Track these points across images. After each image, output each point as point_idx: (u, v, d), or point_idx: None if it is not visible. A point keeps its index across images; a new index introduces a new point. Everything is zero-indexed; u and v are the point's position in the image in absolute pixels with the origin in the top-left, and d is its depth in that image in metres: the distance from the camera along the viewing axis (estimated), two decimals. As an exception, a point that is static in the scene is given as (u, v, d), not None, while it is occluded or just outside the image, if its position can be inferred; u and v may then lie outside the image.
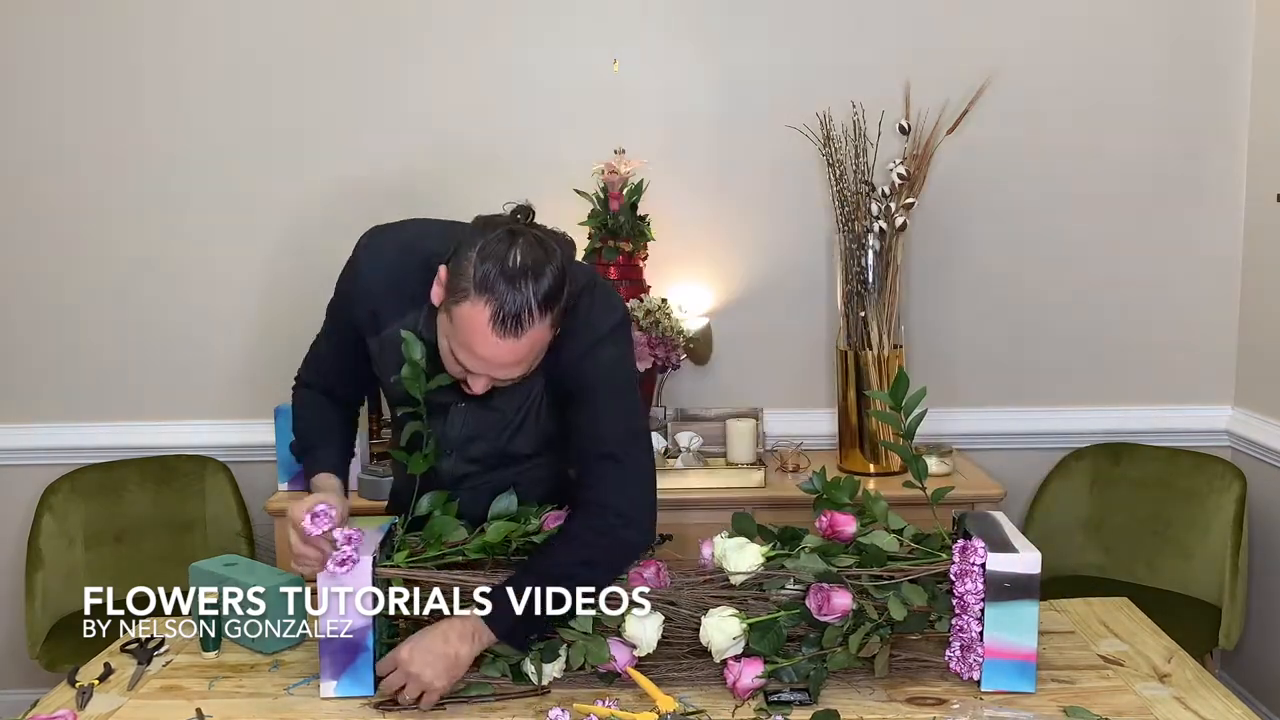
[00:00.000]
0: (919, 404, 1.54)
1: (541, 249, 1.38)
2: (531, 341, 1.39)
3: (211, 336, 2.79)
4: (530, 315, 1.36)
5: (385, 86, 2.72)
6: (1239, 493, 2.53)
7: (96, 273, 2.77)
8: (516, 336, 1.37)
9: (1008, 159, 2.73)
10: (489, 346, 1.37)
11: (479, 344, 1.38)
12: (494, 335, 1.36)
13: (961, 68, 2.63)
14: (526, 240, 1.37)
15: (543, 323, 1.38)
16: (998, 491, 2.48)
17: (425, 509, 1.59)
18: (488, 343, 1.37)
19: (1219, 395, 2.81)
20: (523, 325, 1.36)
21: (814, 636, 1.48)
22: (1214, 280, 2.78)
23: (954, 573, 1.47)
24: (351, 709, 1.45)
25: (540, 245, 1.38)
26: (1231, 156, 2.73)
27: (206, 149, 2.73)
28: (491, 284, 1.35)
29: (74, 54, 2.69)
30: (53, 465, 2.74)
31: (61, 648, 2.48)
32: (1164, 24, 2.69)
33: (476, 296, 1.35)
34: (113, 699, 1.49)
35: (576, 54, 2.71)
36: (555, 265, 1.38)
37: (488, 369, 1.41)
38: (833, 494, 1.55)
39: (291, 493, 2.53)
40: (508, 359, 1.39)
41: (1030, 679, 1.46)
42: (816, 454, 2.68)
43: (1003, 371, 2.82)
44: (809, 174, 2.69)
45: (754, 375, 2.81)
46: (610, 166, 2.58)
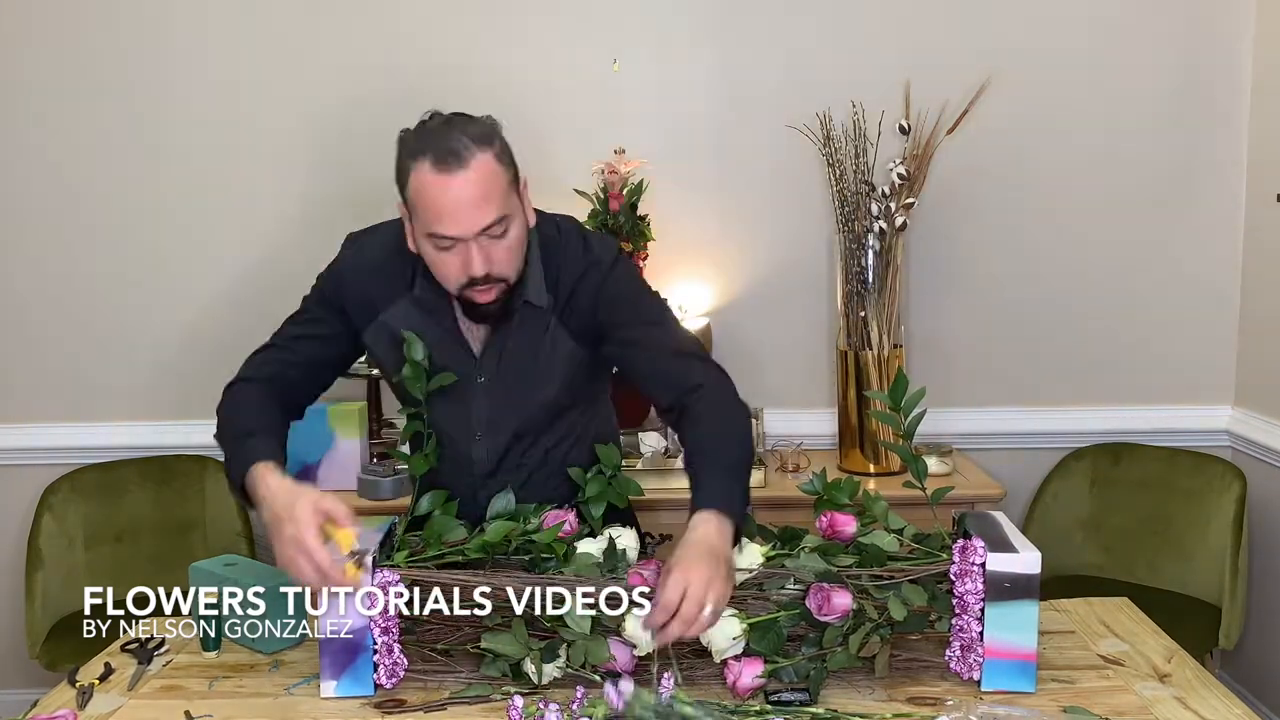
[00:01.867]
0: (918, 404, 1.54)
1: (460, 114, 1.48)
2: (481, 172, 1.43)
3: (212, 336, 2.79)
4: (466, 147, 1.42)
5: (384, 88, 2.71)
6: (1239, 493, 2.53)
7: (96, 273, 2.77)
8: (464, 167, 1.42)
9: (1008, 159, 2.73)
10: (443, 192, 1.42)
11: (435, 196, 1.42)
12: (441, 175, 1.41)
13: (961, 68, 2.63)
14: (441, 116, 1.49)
15: (483, 153, 1.44)
16: (998, 491, 2.48)
17: (425, 509, 1.59)
18: (441, 190, 1.42)
19: (1219, 395, 2.81)
20: (461, 156, 1.42)
21: (814, 636, 1.48)
22: (1214, 280, 2.78)
23: (954, 573, 1.47)
24: (351, 709, 1.45)
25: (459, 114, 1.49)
26: (1231, 156, 2.73)
27: (206, 149, 2.73)
28: (421, 141, 1.44)
29: (69, 56, 2.70)
30: (53, 465, 2.74)
31: (61, 648, 2.48)
32: (1164, 24, 2.69)
33: (412, 161, 1.44)
34: (113, 699, 1.49)
35: (576, 54, 2.71)
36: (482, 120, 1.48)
37: (460, 225, 1.44)
38: (833, 494, 1.55)
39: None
40: (467, 196, 1.42)
41: (1030, 679, 1.46)
42: (816, 454, 2.68)
43: (1003, 371, 2.82)
44: (809, 174, 2.69)
45: (754, 375, 2.80)
46: (610, 166, 2.58)
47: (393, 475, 2.48)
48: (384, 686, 1.47)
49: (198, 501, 2.75)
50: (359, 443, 2.54)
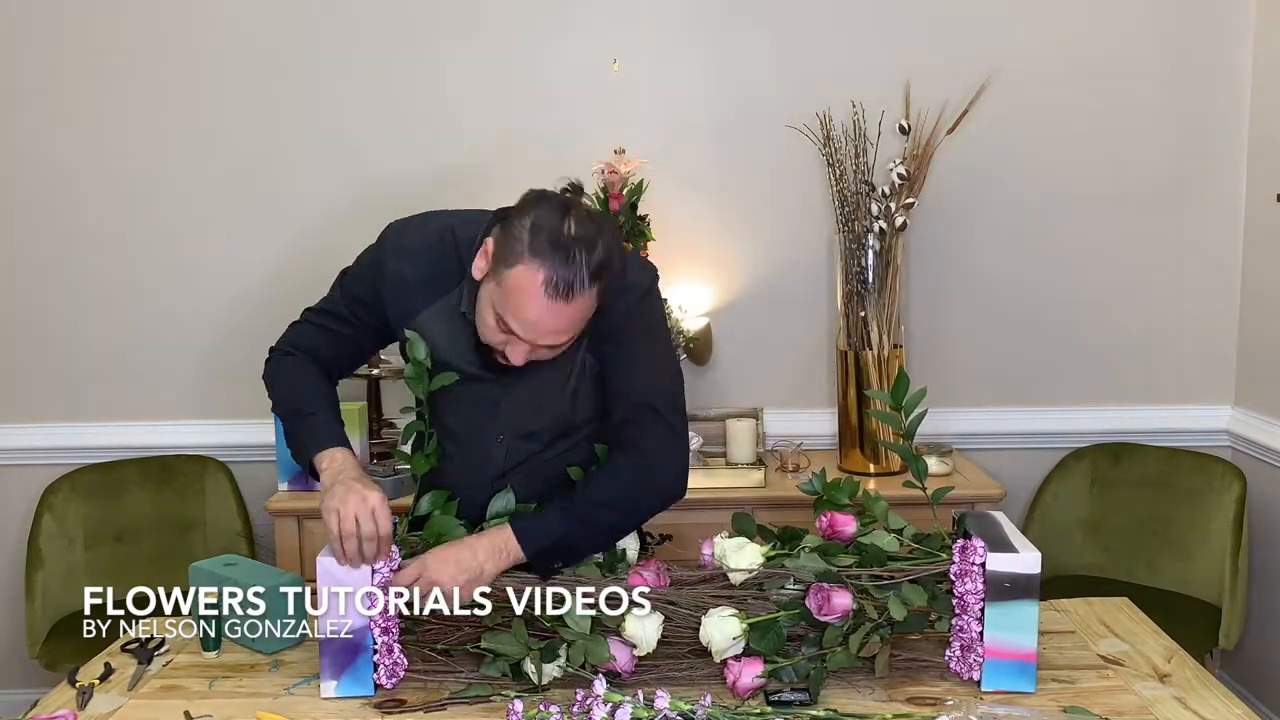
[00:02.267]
0: (919, 404, 1.54)
1: (593, 223, 1.43)
2: (579, 309, 1.43)
3: (212, 336, 2.79)
4: (581, 283, 1.40)
5: (385, 89, 2.72)
6: (1239, 493, 2.53)
7: (96, 272, 2.77)
8: (567, 301, 1.41)
9: (1008, 159, 2.73)
10: (538, 310, 1.41)
11: (529, 308, 1.42)
12: (545, 299, 1.40)
13: (961, 68, 2.63)
14: (579, 213, 1.43)
15: (591, 292, 1.43)
16: (998, 491, 2.48)
17: (425, 509, 1.59)
18: (538, 306, 1.41)
19: (1219, 395, 2.81)
20: (574, 291, 1.40)
21: (814, 636, 1.48)
22: (1214, 280, 2.78)
23: (954, 573, 1.47)
24: (351, 709, 1.45)
25: (592, 220, 1.44)
26: (1231, 156, 2.72)
27: (207, 149, 2.73)
28: (546, 250, 1.40)
29: (72, 56, 2.69)
30: (53, 465, 2.74)
31: (61, 648, 2.48)
32: (1164, 24, 2.69)
33: (530, 260, 1.40)
34: (113, 699, 1.49)
35: (576, 54, 2.71)
36: (605, 240, 1.43)
37: (534, 334, 1.44)
38: (833, 495, 1.55)
39: (292, 492, 2.52)
40: (554, 324, 1.43)
41: (1030, 679, 1.46)
42: (816, 454, 2.68)
43: (1003, 371, 2.82)
44: (809, 174, 2.69)
45: (754, 375, 2.81)
46: (610, 166, 2.57)
47: (393, 475, 2.48)
48: (384, 686, 1.47)
49: (198, 501, 2.75)
50: (359, 443, 2.54)
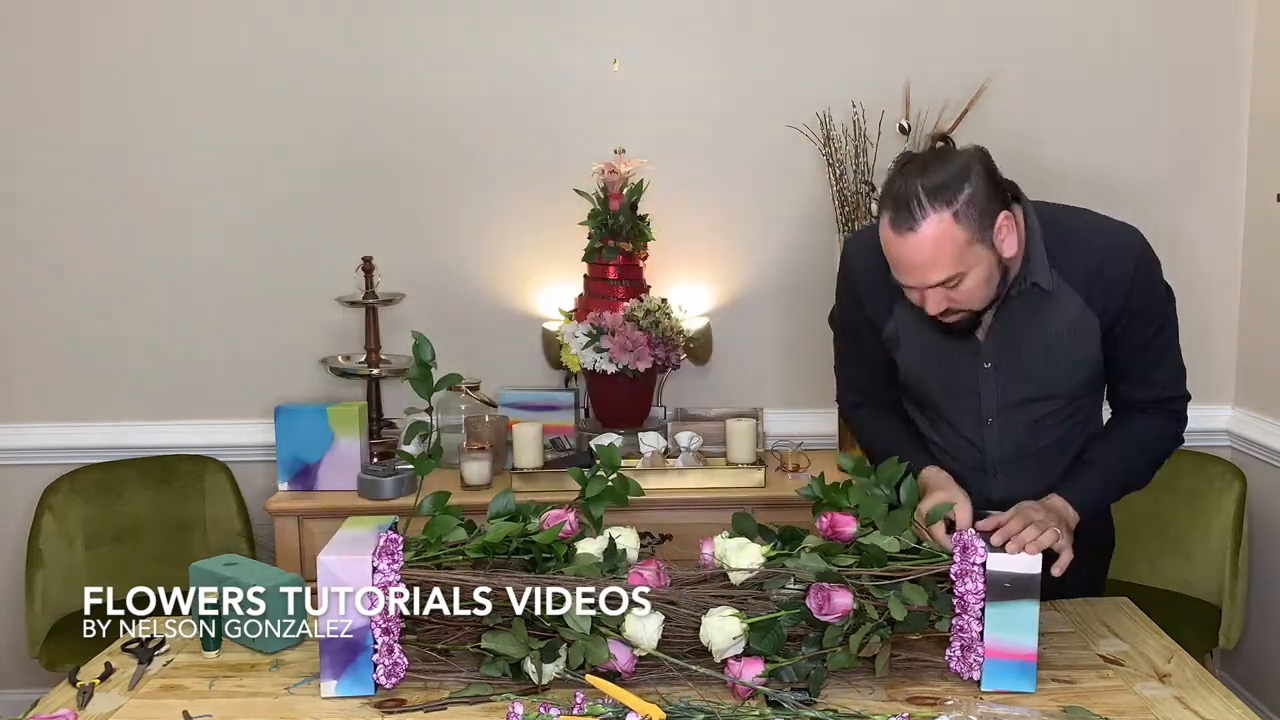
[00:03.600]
0: None
1: (943, 155, 1.48)
2: (934, 236, 1.44)
3: (211, 336, 2.79)
4: (919, 204, 1.43)
5: (384, 87, 2.72)
6: (1239, 493, 2.53)
7: (96, 273, 2.77)
8: (913, 230, 1.44)
9: (1007, 159, 2.70)
10: (895, 250, 1.47)
11: (890, 250, 1.48)
12: (895, 237, 1.46)
13: (961, 68, 2.63)
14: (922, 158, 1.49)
15: (937, 214, 1.44)
16: (998, 491, 2.48)
17: (426, 510, 1.59)
18: (894, 247, 1.47)
19: (1219, 395, 2.81)
20: (914, 216, 1.43)
21: (814, 636, 1.48)
22: (1214, 280, 2.77)
23: (954, 572, 1.47)
24: (352, 709, 1.45)
25: (944, 153, 1.49)
26: (1231, 156, 2.73)
27: (206, 148, 2.73)
28: (887, 199, 1.47)
29: (70, 52, 2.70)
30: (53, 465, 2.74)
31: (61, 648, 2.48)
32: (1164, 24, 2.69)
33: (881, 210, 1.48)
34: (113, 699, 1.49)
35: (576, 54, 2.71)
36: (955, 163, 1.46)
37: (911, 277, 1.49)
38: (832, 498, 1.55)
39: (292, 492, 2.53)
40: (917, 258, 1.46)
41: (1030, 679, 1.46)
42: (816, 454, 2.68)
43: (1003, 371, 2.81)
44: (809, 174, 2.69)
45: (754, 375, 2.81)
46: (610, 166, 2.57)
47: (393, 475, 2.48)
48: (384, 686, 1.47)
49: (198, 501, 2.75)
50: (359, 443, 2.54)
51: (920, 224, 1.44)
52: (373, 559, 1.45)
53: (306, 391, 2.75)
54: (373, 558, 1.45)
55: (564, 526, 1.53)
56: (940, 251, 1.46)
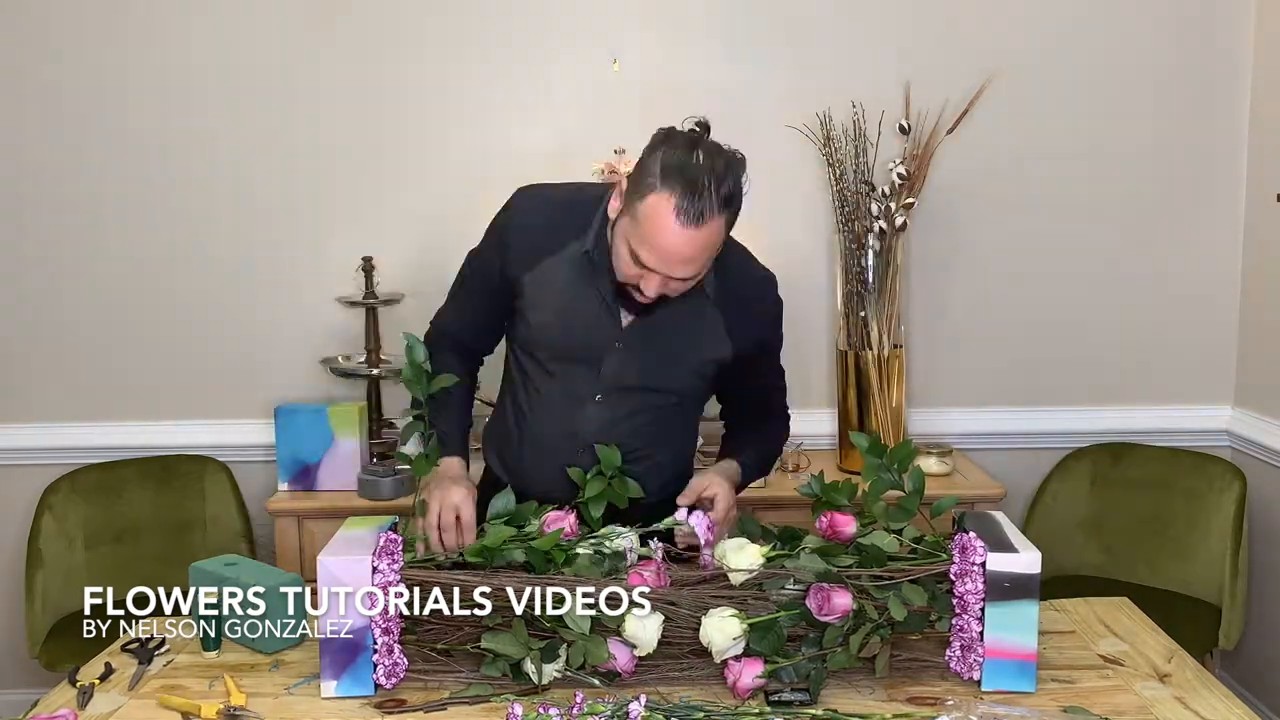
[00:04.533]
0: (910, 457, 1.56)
1: (722, 156, 1.50)
2: (709, 236, 1.48)
3: (211, 336, 2.79)
4: (711, 208, 1.46)
5: (384, 89, 2.71)
6: (1239, 493, 2.53)
7: (96, 272, 2.77)
8: (697, 226, 1.46)
9: (1008, 159, 2.73)
10: (670, 235, 1.47)
11: (661, 233, 1.47)
12: (677, 223, 1.46)
13: (961, 68, 2.63)
14: (708, 147, 1.50)
15: (720, 219, 1.48)
16: (998, 491, 2.48)
17: (425, 510, 1.59)
18: (670, 232, 1.47)
19: (1219, 395, 2.81)
20: (704, 216, 1.46)
21: (814, 636, 1.48)
22: (1214, 280, 2.77)
23: (954, 573, 1.47)
24: (351, 709, 1.45)
25: (721, 153, 1.50)
26: (1231, 156, 2.72)
27: (205, 148, 2.73)
28: (677, 177, 1.46)
29: (72, 52, 2.69)
30: (53, 465, 2.73)
31: (61, 648, 2.48)
32: (1164, 24, 2.69)
33: (662, 188, 1.47)
34: (113, 699, 1.49)
35: (576, 54, 2.71)
36: (735, 172, 1.50)
37: (665, 264, 1.50)
38: (831, 496, 1.55)
39: (292, 492, 2.53)
40: (686, 251, 1.48)
41: (1030, 679, 1.46)
42: (816, 454, 2.68)
43: (1002, 371, 2.82)
44: (809, 174, 2.69)
45: (754, 375, 2.80)
46: (610, 166, 2.57)
47: (393, 475, 2.48)
48: (384, 686, 1.47)
49: (198, 501, 2.75)
50: (359, 443, 2.54)
51: (706, 225, 1.47)
52: (373, 559, 1.45)
53: (306, 391, 2.75)
54: (373, 558, 1.45)
55: (564, 530, 1.53)
56: (708, 253, 1.52)
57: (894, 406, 2.58)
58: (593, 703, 1.37)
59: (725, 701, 1.43)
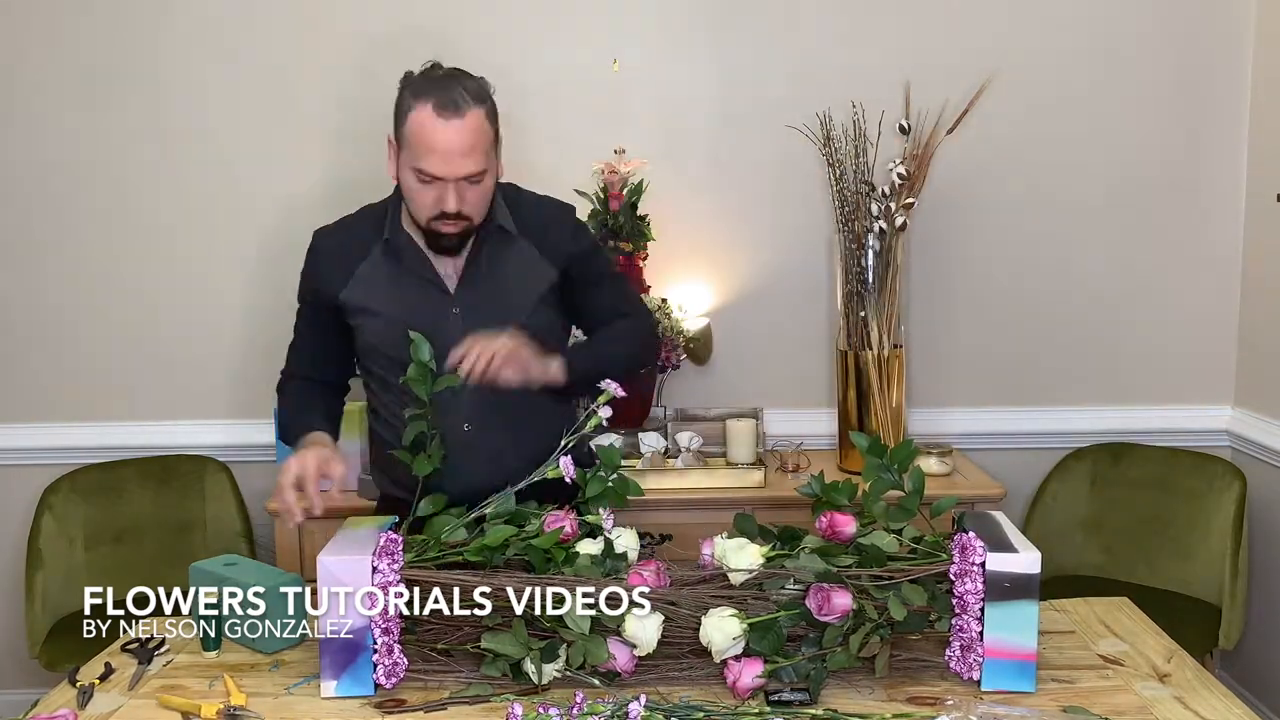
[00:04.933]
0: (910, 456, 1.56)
1: (459, 71, 1.67)
2: (473, 124, 1.61)
3: (211, 336, 2.79)
4: (465, 101, 1.61)
5: (384, 87, 2.70)
6: (1239, 493, 2.53)
7: (96, 273, 2.77)
8: (460, 117, 1.60)
9: (1008, 159, 2.73)
10: (439, 133, 1.60)
11: (430, 134, 1.60)
12: (440, 120, 1.60)
13: (961, 68, 2.63)
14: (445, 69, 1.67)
15: (478, 110, 1.63)
16: (998, 491, 2.48)
17: (426, 510, 1.59)
18: (437, 130, 1.60)
19: (1219, 395, 2.81)
20: (459, 107, 1.60)
21: (814, 636, 1.48)
22: (1214, 280, 2.78)
23: (954, 572, 1.47)
24: (351, 709, 1.45)
25: (458, 69, 1.67)
26: (1231, 156, 2.72)
27: (203, 149, 2.73)
28: (425, 88, 1.63)
29: (69, 56, 2.69)
30: (53, 465, 2.74)
31: (61, 648, 2.48)
32: (1164, 24, 2.69)
33: (414, 101, 1.62)
34: (113, 699, 1.50)
35: (576, 54, 2.71)
36: (475, 78, 1.66)
37: (447, 163, 1.61)
38: (831, 496, 1.55)
39: (291, 493, 2.53)
40: (458, 141, 1.60)
41: (1030, 679, 1.46)
42: (816, 454, 2.68)
43: (1003, 371, 2.82)
44: (809, 174, 2.69)
45: (754, 375, 2.81)
46: (610, 166, 2.57)
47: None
48: (384, 687, 1.47)
49: (198, 501, 2.75)
50: (359, 443, 2.54)
51: (465, 114, 1.60)
52: (373, 559, 1.45)
53: (306, 391, 2.75)
54: (373, 558, 1.45)
55: (564, 530, 1.53)
56: (477, 140, 1.62)
57: (894, 406, 2.58)
58: (593, 703, 1.37)
59: (725, 701, 1.43)
